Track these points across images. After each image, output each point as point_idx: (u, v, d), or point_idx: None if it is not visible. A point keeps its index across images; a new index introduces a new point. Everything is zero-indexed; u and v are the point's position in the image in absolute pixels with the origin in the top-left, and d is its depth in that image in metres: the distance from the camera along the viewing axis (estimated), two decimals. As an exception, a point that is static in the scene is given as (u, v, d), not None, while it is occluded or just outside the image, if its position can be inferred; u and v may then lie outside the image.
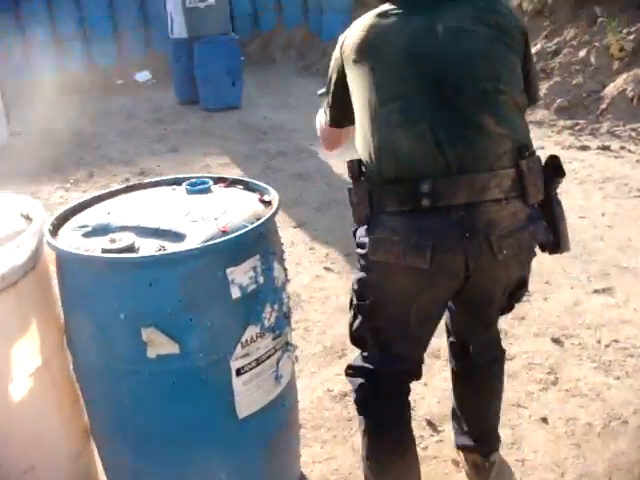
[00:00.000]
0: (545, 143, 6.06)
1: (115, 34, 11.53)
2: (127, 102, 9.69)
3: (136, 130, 7.81)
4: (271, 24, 11.77)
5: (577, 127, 6.47)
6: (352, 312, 1.87)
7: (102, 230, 1.78)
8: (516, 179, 1.64)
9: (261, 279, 1.75)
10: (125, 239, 1.68)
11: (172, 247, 1.66)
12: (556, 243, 1.76)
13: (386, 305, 1.76)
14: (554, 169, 1.74)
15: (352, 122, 1.85)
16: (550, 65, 7.44)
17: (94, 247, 1.69)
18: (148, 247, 1.67)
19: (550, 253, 1.80)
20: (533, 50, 7.66)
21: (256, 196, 1.95)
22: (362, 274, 1.79)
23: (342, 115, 1.92)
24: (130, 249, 1.65)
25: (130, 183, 2.17)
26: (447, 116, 1.64)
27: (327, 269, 3.85)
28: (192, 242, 1.66)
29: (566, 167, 1.75)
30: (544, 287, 3.53)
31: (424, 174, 1.62)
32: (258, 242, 1.76)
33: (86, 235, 1.78)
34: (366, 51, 1.74)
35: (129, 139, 7.37)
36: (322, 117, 2.06)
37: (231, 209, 1.81)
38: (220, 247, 1.65)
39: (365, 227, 1.75)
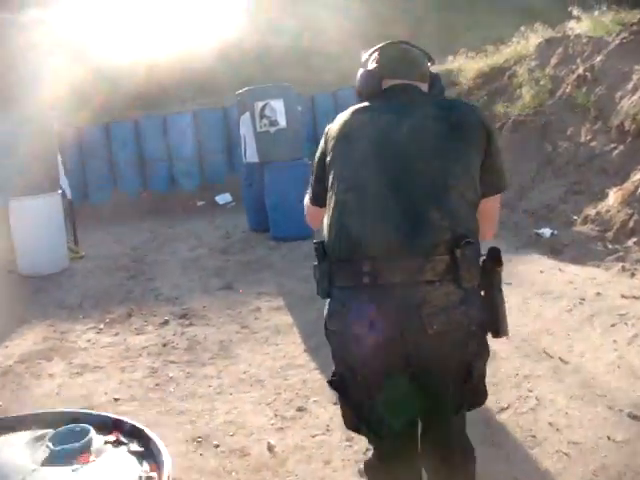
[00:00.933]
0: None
1: (199, 156, 11.47)
2: (200, 226, 9.37)
3: (198, 260, 7.31)
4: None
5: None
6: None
7: None
8: (451, 264, 1.76)
9: None
10: None
11: None
12: (495, 326, 1.87)
13: (348, 375, 1.88)
14: (494, 259, 1.87)
15: None
16: (664, 196, 6.41)
17: None
18: None
19: (493, 336, 1.89)
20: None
21: (142, 472, 1.17)
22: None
23: (321, 195, 2.00)
24: None
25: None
26: (397, 206, 1.79)
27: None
28: None
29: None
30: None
31: (368, 255, 1.79)
32: None
33: None
34: (341, 142, 1.93)
35: (187, 271, 6.85)
36: (307, 196, 2.18)
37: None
38: None
39: (327, 300, 1.92)
